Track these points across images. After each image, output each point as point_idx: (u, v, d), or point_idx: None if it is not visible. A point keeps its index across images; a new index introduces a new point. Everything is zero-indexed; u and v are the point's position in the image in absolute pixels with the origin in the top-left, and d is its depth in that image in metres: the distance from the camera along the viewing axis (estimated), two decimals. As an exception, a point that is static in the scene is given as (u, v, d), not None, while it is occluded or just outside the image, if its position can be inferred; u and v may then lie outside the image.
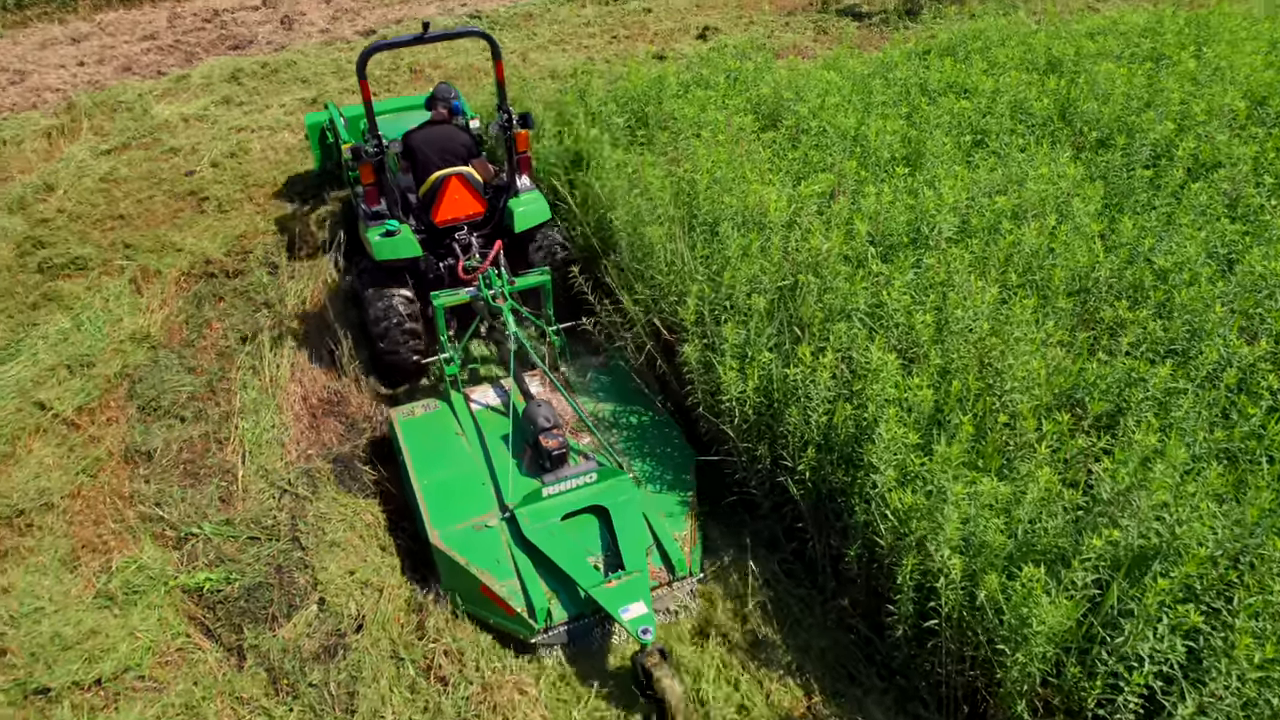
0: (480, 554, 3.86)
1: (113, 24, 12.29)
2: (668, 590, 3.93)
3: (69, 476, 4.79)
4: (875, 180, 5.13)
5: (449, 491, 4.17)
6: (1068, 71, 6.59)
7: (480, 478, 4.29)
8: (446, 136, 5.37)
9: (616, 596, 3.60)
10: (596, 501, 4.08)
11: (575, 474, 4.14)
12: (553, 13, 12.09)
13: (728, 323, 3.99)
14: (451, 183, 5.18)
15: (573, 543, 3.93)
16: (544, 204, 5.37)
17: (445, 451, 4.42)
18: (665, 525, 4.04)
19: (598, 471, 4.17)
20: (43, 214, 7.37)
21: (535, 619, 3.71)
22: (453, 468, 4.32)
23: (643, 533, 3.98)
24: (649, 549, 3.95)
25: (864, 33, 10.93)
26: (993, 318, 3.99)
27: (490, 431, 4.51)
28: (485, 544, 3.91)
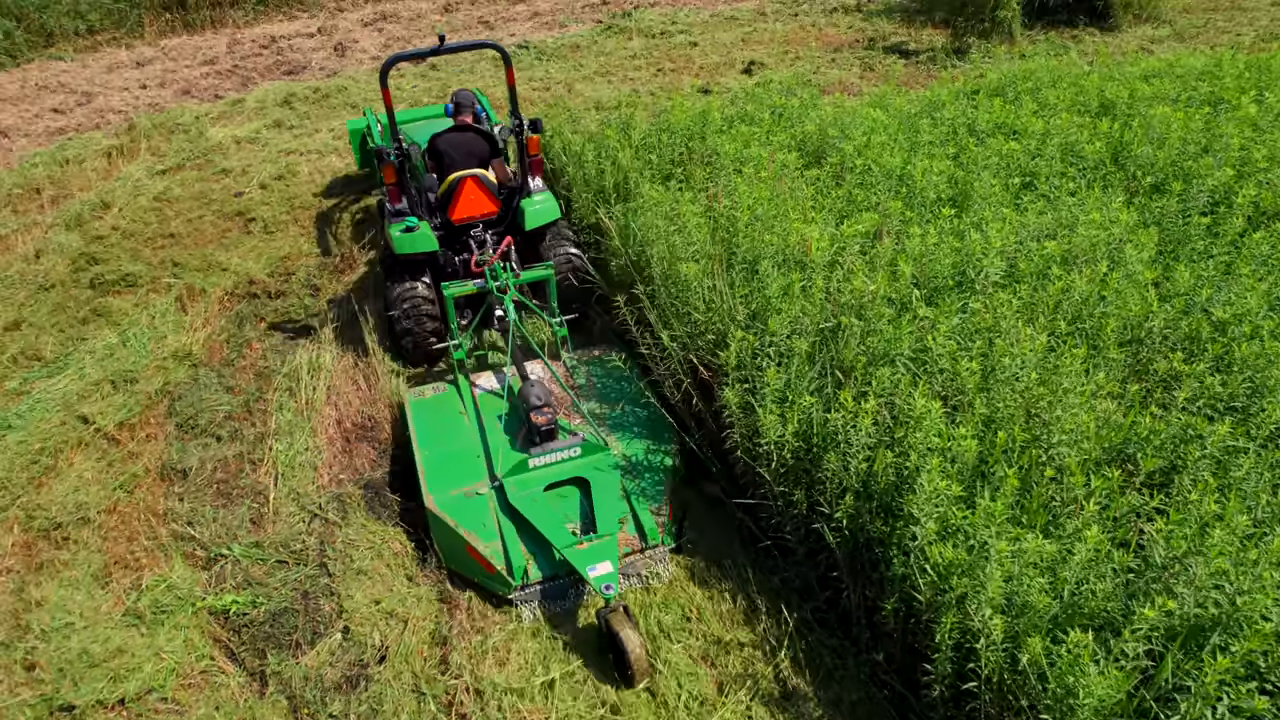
0: (469, 518, 4.21)
1: (176, 49, 12.70)
2: (640, 557, 4.20)
3: (106, 492, 4.85)
4: (920, 221, 5.04)
5: (446, 463, 4.53)
6: (1121, 114, 6.46)
7: (476, 451, 4.63)
8: (469, 140, 5.75)
9: (586, 556, 3.92)
10: (579, 474, 4.42)
11: (560, 448, 4.45)
12: (599, 45, 12.23)
13: (769, 366, 3.91)
14: (467, 184, 5.53)
15: (553, 510, 4.27)
16: (554, 204, 5.73)
17: (447, 428, 4.80)
18: (643, 499, 4.34)
19: (582, 446, 4.47)
20: (98, 231, 7.57)
21: (513, 576, 4.05)
22: (452, 443, 4.69)
23: (619, 504, 4.30)
24: (624, 519, 4.26)
25: (910, 70, 10.87)
26: (1041, 367, 3.87)
27: (488, 411, 4.85)
28: (474, 509, 4.27)
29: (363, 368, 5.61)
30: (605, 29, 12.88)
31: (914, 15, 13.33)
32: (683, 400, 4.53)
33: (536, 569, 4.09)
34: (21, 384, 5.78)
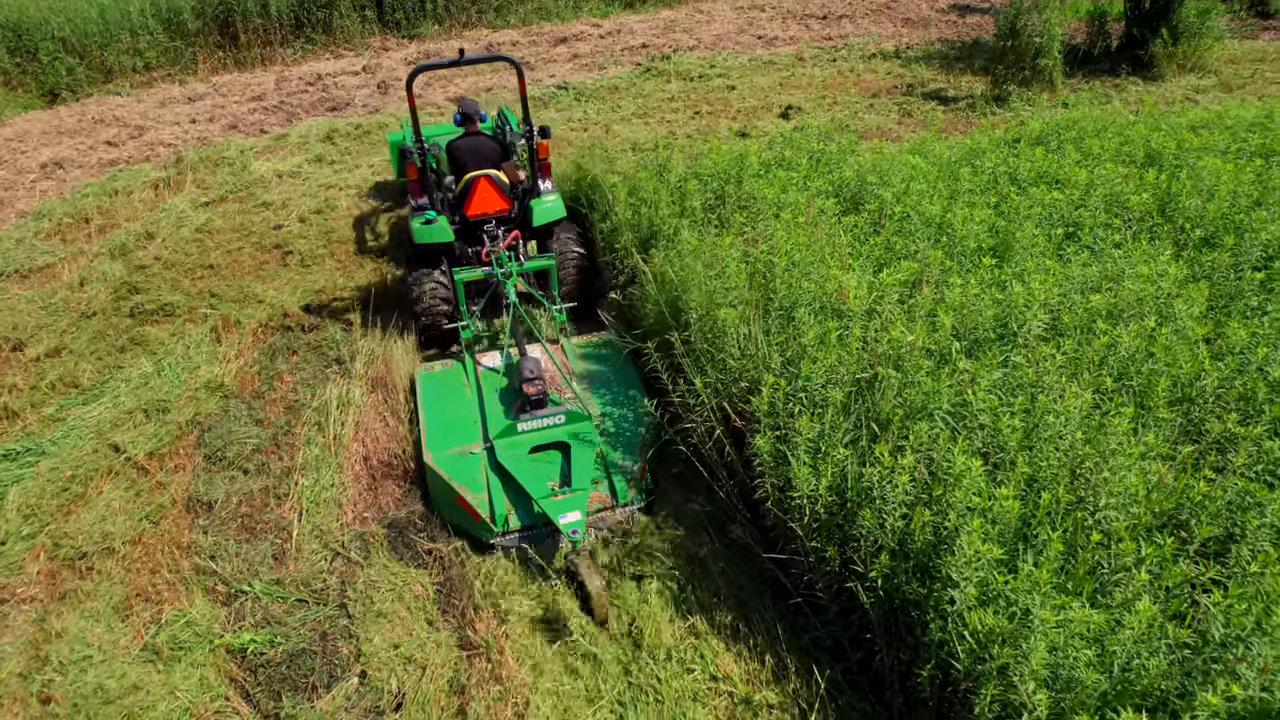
0: (461, 472, 4.72)
1: (226, 85, 13.05)
2: (610, 513, 4.69)
3: (132, 522, 4.84)
4: (961, 271, 4.93)
5: (446, 426, 5.07)
6: (1168, 165, 6.32)
7: (474, 418, 5.16)
8: (481, 145, 6.38)
9: (559, 506, 4.38)
10: (561, 439, 4.92)
11: (546, 415, 4.94)
12: (638, 87, 12.36)
13: (802, 415, 3.81)
14: (481, 183, 6.12)
15: (536, 469, 4.73)
16: (560, 204, 6.30)
17: (451, 398, 5.35)
18: (618, 463, 4.83)
19: (566, 415, 4.96)
20: (141, 260, 7.71)
21: (495, 523, 4.55)
22: (453, 410, 5.23)
23: (595, 466, 4.77)
24: (598, 480, 4.75)
25: (949, 117, 10.82)
26: (1086, 425, 3.72)
27: (489, 384, 5.43)
28: (467, 466, 4.78)
29: (391, 404, 5.59)
30: (644, 71, 13.02)
31: (953, 62, 13.32)
32: (714, 447, 4.43)
33: (517, 519, 4.59)
34: (58, 410, 5.84)
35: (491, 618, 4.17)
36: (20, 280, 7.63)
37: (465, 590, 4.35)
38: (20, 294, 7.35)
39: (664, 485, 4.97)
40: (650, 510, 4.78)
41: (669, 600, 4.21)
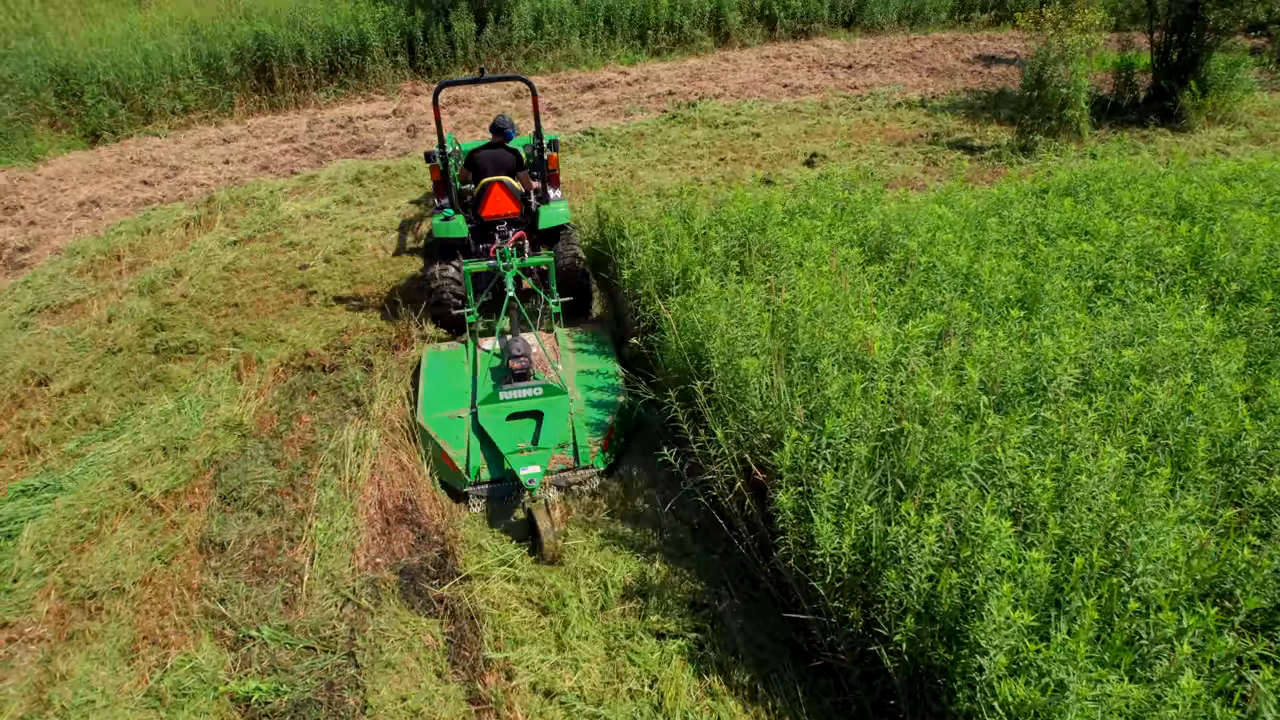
0: (447, 432, 5.43)
1: (260, 127, 13.34)
2: (572, 473, 5.26)
3: (144, 562, 4.80)
4: (988, 323, 4.83)
5: (441, 394, 5.80)
6: (1201, 218, 6.22)
7: (466, 389, 5.84)
8: (499, 154, 7.08)
9: (522, 460, 5.03)
10: (536, 408, 5.52)
11: (526, 387, 5.57)
12: (663, 133, 12.46)
13: (825, 470, 3.70)
14: (495, 187, 6.83)
15: (510, 432, 5.34)
16: (565, 210, 7.12)
17: (450, 372, 6.05)
18: (584, 432, 5.41)
19: (543, 388, 5.58)
20: (168, 298, 7.79)
21: (469, 475, 5.18)
22: (450, 382, 5.94)
23: (563, 432, 5.37)
24: (565, 444, 5.33)
25: (975, 166, 10.79)
26: (1120, 485, 3.59)
27: (484, 362, 5.99)
28: (453, 426, 5.49)
29: (408, 448, 5.54)
30: (670, 118, 13.15)
31: (978, 112, 13.34)
32: (734, 500, 4.32)
33: (488, 472, 5.21)
34: (78, 446, 5.85)
35: (500, 670, 4.06)
36: (51, 315, 7.73)
37: (476, 642, 4.24)
38: (50, 329, 7.44)
39: (682, 535, 4.87)
40: (610, 474, 5.40)
41: (687, 658, 4.09)
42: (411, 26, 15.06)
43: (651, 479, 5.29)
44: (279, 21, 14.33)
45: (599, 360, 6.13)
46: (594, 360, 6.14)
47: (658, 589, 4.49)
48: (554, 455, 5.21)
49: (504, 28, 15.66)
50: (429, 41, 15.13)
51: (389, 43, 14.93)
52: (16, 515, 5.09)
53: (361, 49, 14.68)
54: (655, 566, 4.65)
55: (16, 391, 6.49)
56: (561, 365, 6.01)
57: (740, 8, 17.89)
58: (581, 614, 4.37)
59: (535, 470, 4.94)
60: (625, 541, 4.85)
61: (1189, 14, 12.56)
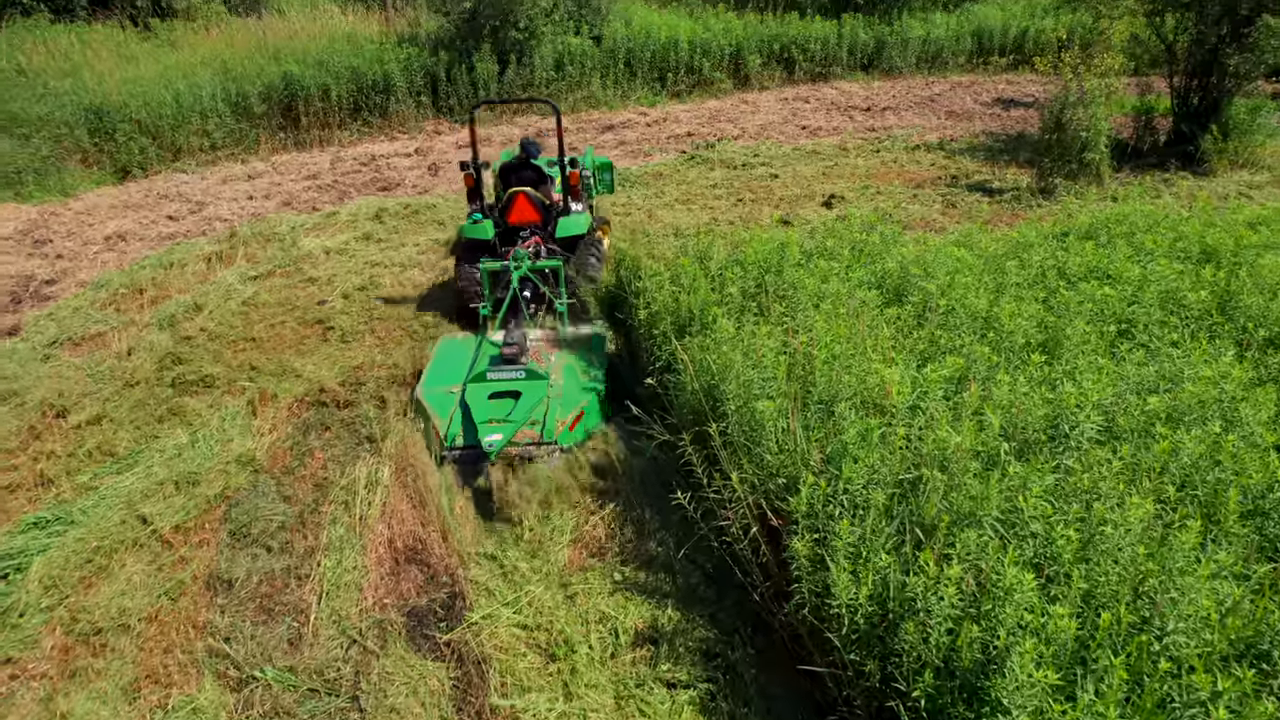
0: (437, 404, 6.05)
1: (284, 164, 13.57)
2: (536, 447, 5.68)
3: (151, 598, 4.75)
4: (1009, 368, 4.75)
5: (442, 373, 6.45)
6: (1226, 262, 6.12)
7: (465, 370, 6.41)
8: (524, 169, 8.04)
9: (487, 429, 5.57)
10: (516, 388, 6.06)
11: (512, 369, 6.17)
12: (681, 174, 12.55)
13: (842, 517, 3.61)
14: (520, 197, 7.73)
15: (489, 407, 5.89)
16: (583, 221, 7.85)
17: (457, 356, 6.67)
18: (555, 413, 5.85)
19: (525, 372, 6.16)
20: (187, 332, 7.85)
21: (446, 441, 5.74)
22: (455, 364, 6.54)
23: (536, 411, 5.84)
24: (535, 421, 5.77)
25: (995, 209, 10.75)
26: (1148, 538, 3.47)
27: (487, 350, 6.49)
28: (444, 400, 6.08)
29: (419, 486, 5.49)
30: (688, 159, 13.25)
31: (997, 154, 13.35)
32: (749, 546, 4.23)
33: (463, 440, 5.73)
34: (92, 479, 5.85)
35: (507, 718, 3.96)
36: (72, 348, 7.80)
37: (482, 688, 4.14)
38: (70, 361, 7.50)
39: (695, 580, 4.77)
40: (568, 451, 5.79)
41: (699, 709, 3.97)
42: (435, 67, 15.34)
43: (664, 522, 5.21)
44: (306, 62, 14.65)
45: (588, 355, 6.77)
46: (584, 355, 6.79)
47: (669, 636, 4.39)
48: (523, 430, 5.71)
49: (526, 69, 15.92)
50: (452, 82, 15.40)
51: (413, 83, 15.21)
52: (27, 548, 5.07)
53: (386, 89, 14.95)
54: (667, 613, 4.55)
55: (35, 423, 6.53)
56: (554, 357, 6.70)
57: (759, 51, 18.11)
58: (591, 661, 4.27)
59: (497, 439, 5.48)
60: (637, 586, 4.75)
61: (1209, 59, 12.56)
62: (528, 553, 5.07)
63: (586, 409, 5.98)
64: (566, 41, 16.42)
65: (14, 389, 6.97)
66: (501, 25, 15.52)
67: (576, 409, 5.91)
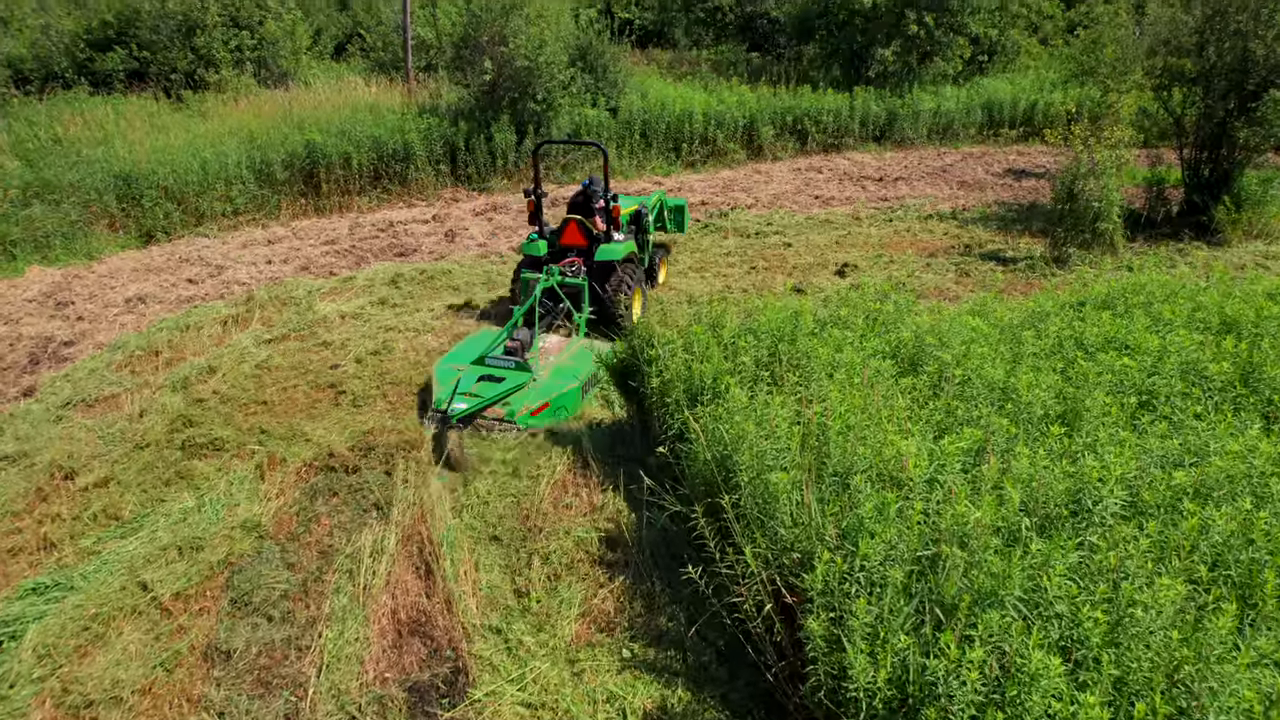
0: (443, 377, 7.33)
1: (304, 229, 13.80)
2: (499, 423, 6.98)
3: (146, 669, 4.63)
4: (1028, 439, 4.64)
5: (459, 355, 7.77)
6: (1248, 333, 6.03)
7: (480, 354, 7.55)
8: (581, 201, 9.43)
9: (460, 397, 6.84)
10: (504, 374, 7.28)
11: (506, 360, 7.41)
12: (695, 241, 12.66)
13: (859, 596, 3.48)
14: (571, 224, 9.11)
15: (474, 384, 7.14)
16: (619, 249, 9.05)
17: (478, 344, 7.85)
18: (524, 399, 7.09)
19: (516, 364, 7.34)
20: (199, 394, 7.86)
21: (435, 404, 7.06)
22: (473, 349, 7.78)
23: (511, 395, 7.10)
24: (504, 402, 7.05)
25: (1009, 278, 10.74)
26: (1180, 621, 3.32)
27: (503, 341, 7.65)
28: (449, 375, 7.30)
29: (426, 555, 5.39)
30: (702, 227, 13.38)
31: (1010, 224, 13.41)
32: (763, 624, 4.08)
33: (446, 406, 6.78)
34: (95, 543, 5.78)
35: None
36: (85, 409, 7.82)
37: (483, 771, 3.97)
38: (82, 422, 7.50)
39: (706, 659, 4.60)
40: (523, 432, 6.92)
41: (707, 797, 3.78)
42: (455, 137, 15.71)
43: (675, 596, 5.06)
44: (329, 131, 15.04)
45: (583, 364, 7.68)
46: (579, 362, 7.74)
47: (680, 718, 4.21)
48: (493, 407, 6.96)
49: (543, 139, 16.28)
50: (470, 151, 15.74)
51: (432, 152, 15.56)
52: (23, 615, 4.97)
53: (406, 157, 15.30)
54: (678, 693, 4.37)
55: (42, 485, 6.49)
56: (554, 358, 7.79)
57: (773, 123, 18.47)
58: (597, 743, 4.09)
59: (462, 406, 6.73)
60: (646, 664, 4.59)
61: (1218, 132, 12.68)
62: (534, 626, 4.93)
63: (554, 401, 7.10)
64: (583, 113, 16.82)
65: (24, 450, 6.96)
66: (520, 97, 15.93)
67: (544, 399, 7.07)
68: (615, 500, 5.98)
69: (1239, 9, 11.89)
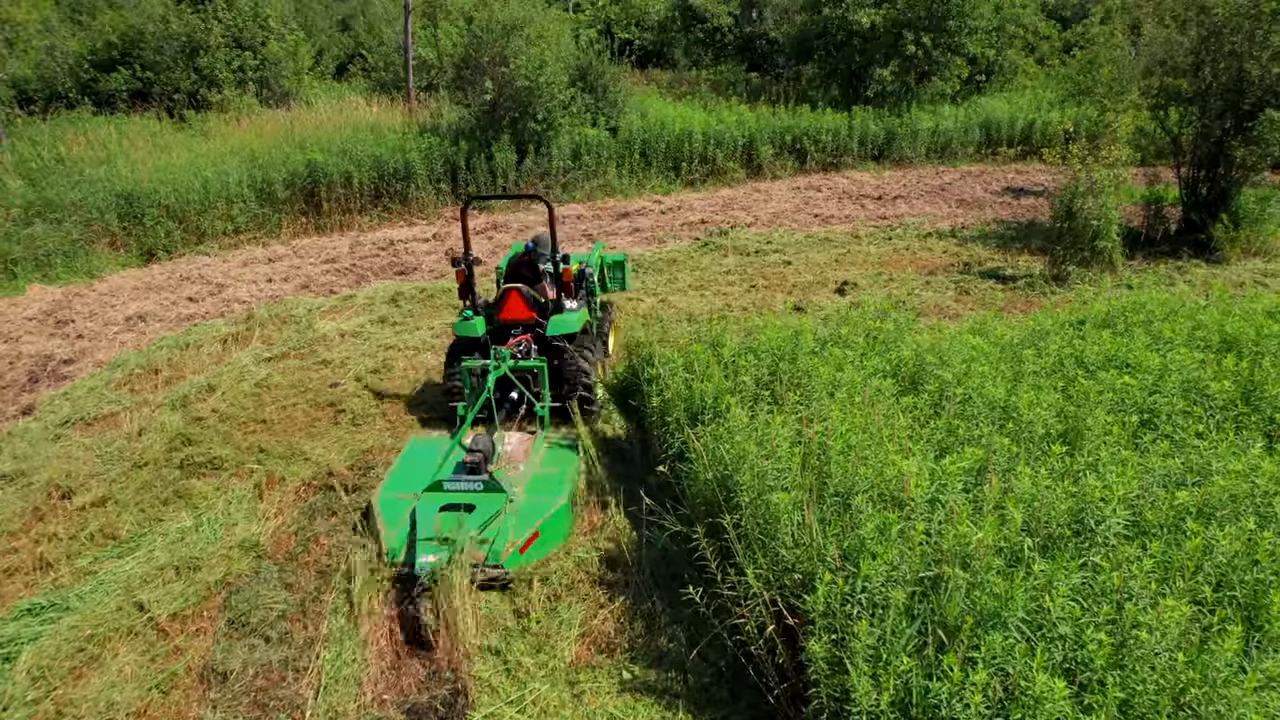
0: (390, 513, 5.71)
1: (305, 248, 13.83)
2: (480, 570, 5.21)
3: (141, 691, 4.58)
4: (1029, 459, 4.63)
5: (406, 477, 6.07)
6: (1248, 352, 6.03)
7: (429, 476, 5.84)
8: (524, 265, 7.85)
9: (424, 548, 5.23)
10: (471, 501, 5.63)
11: (468, 479, 5.74)
12: (695, 259, 12.68)
13: (861, 618, 3.46)
14: (513, 294, 7.34)
15: (436, 521, 5.44)
16: (574, 320, 7.34)
17: (427, 458, 6.22)
18: (508, 532, 5.44)
19: (484, 484, 5.72)
20: (198, 413, 7.84)
21: (388, 556, 5.41)
22: (421, 466, 6.09)
23: (486, 529, 5.41)
24: (484, 540, 5.37)
25: (1009, 296, 10.76)
26: (1185, 642, 3.29)
27: (459, 454, 6.02)
28: (398, 507, 5.72)
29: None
30: (702, 246, 13.41)
31: (1009, 242, 13.45)
32: (764, 646, 4.04)
33: (403, 556, 5.38)
34: (92, 563, 5.74)
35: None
36: (84, 428, 7.80)
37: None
38: (81, 441, 7.48)
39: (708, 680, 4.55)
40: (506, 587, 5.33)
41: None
42: (455, 156, 15.79)
43: (676, 616, 5.02)
44: (330, 150, 15.12)
45: (561, 467, 6.29)
46: (557, 466, 6.31)
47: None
48: (467, 550, 5.24)
49: (544, 158, 16.36)
50: (471, 170, 15.82)
51: (433, 171, 15.63)
52: (18, 636, 4.93)
53: (406, 176, 15.37)
54: (679, 716, 4.33)
55: (39, 504, 6.46)
56: (524, 466, 6.23)
57: (772, 142, 18.56)
58: (597, 767, 4.04)
59: (431, 560, 5.13)
60: (646, 686, 4.55)
61: (1215, 151, 12.74)
62: (533, 647, 4.89)
63: (544, 528, 5.51)
64: (584, 132, 16.91)
65: (22, 469, 6.93)
66: (521, 117, 16.02)
67: (532, 529, 5.47)
68: (615, 519, 5.94)
69: (1233, 30, 11.97)
